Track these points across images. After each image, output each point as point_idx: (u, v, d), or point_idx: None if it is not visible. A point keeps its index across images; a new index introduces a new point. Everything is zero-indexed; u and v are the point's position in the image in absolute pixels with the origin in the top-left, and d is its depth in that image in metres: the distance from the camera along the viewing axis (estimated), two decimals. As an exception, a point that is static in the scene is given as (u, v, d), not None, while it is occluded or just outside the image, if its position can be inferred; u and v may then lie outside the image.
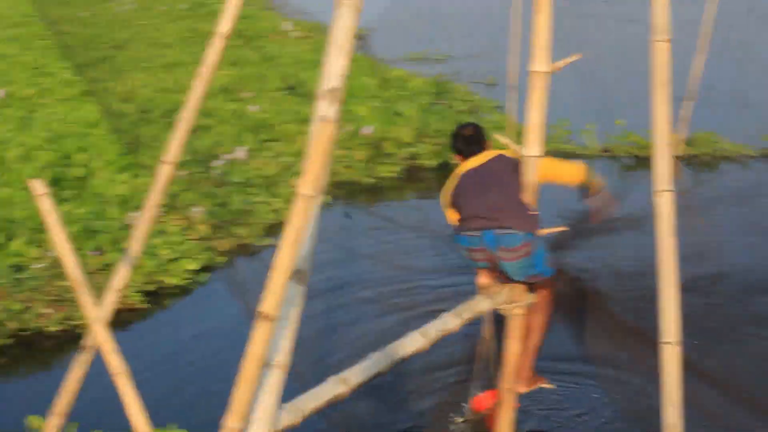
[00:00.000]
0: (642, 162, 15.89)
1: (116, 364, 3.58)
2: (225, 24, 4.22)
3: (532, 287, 5.35)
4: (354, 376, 4.41)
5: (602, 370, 7.10)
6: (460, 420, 5.67)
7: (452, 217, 5.59)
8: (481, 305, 5.23)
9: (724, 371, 7.14)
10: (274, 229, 12.45)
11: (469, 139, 5.76)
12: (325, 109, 4.15)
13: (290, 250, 3.25)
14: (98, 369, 4.10)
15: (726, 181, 14.06)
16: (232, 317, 9.62)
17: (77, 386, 4.26)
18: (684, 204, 13.98)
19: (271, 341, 3.40)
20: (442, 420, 5.84)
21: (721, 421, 6.43)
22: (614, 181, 15.02)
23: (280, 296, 3.28)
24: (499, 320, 5.58)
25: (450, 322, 4.99)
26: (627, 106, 13.88)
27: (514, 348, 5.36)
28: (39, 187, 3.58)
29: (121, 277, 4.84)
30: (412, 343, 4.75)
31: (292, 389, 4.15)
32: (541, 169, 5.20)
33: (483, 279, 5.37)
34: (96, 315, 3.63)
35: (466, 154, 5.75)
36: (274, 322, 3.28)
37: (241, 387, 3.30)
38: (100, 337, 3.57)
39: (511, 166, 5.41)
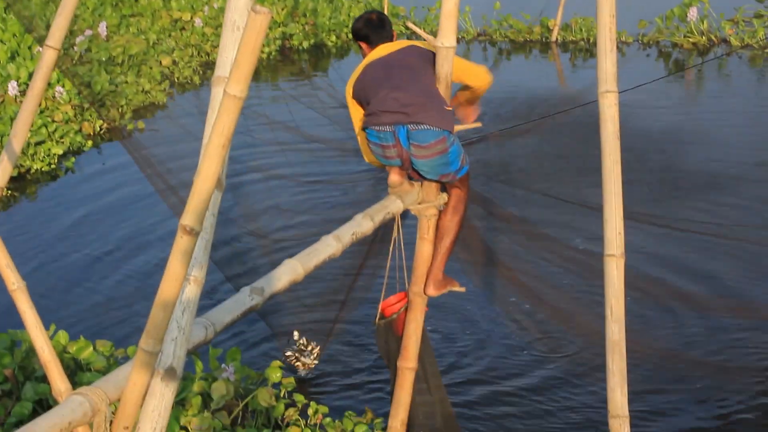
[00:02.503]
0: (517, 46, 15.79)
1: (14, 279, 3.16)
2: None
3: (444, 186, 5.07)
4: (268, 285, 4.08)
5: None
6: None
7: (355, 113, 5.18)
8: (392, 206, 4.92)
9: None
10: (144, 112, 11.87)
11: (376, 23, 5.33)
12: (241, -7, 3.70)
13: (216, 157, 2.86)
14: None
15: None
16: (102, 204, 9.13)
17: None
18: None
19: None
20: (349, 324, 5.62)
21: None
22: (490, 66, 14.93)
23: (204, 208, 2.90)
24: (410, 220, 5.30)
25: (363, 224, 4.67)
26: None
27: (425, 250, 5.10)
28: None
29: (3, 172, 4.35)
30: (326, 248, 4.43)
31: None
32: (452, 66, 4.88)
33: (394, 177, 5.02)
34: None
35: (373, 41, 5.31)
36: (197, 236, 2.92)
37: (158, 307, 2.94)
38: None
39: (424, 57, 5.03)
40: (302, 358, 6.13)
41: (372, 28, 5.32)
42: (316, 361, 6.13)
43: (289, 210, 8.37)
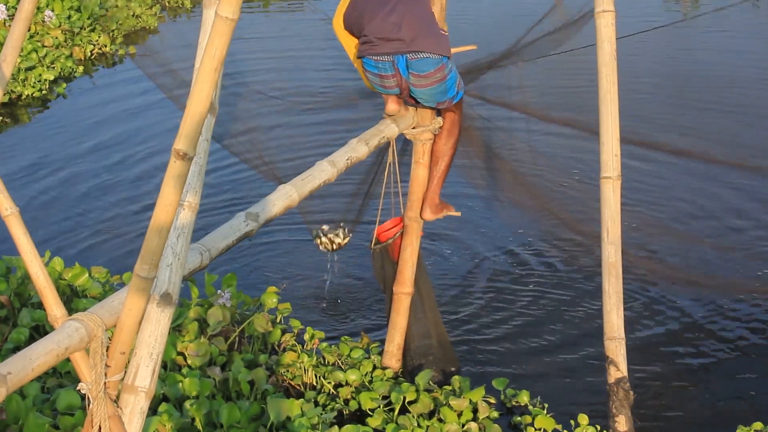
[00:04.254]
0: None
1: (7, 205, 3.12)
2: None
3: (439, 110, 5.02)
4: (263, 211, 4.06)
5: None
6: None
7: (349, 42, 5.06)
8: (387, 131, 4.88)
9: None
10: (135, 37, 11.73)
11: None
12: None
13: (209, 81, 2.81)
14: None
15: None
16: (93, 129, 9.06)
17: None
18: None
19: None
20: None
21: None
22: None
23: (197, 132, 2.86)
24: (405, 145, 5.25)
25: (358, 149, 4.64)
26: None
27: (420, 175, 5.07)
28: None
29: (-10, 100, 4.29)
30: (321, 173, 4.39)
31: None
32: None
33: (393, 106, 4.94)
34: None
35: None
36: (191, 161, 2.88)
37: (152, 233, 2.91)
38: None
39: None
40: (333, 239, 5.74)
41: None
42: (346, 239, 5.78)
43: None
